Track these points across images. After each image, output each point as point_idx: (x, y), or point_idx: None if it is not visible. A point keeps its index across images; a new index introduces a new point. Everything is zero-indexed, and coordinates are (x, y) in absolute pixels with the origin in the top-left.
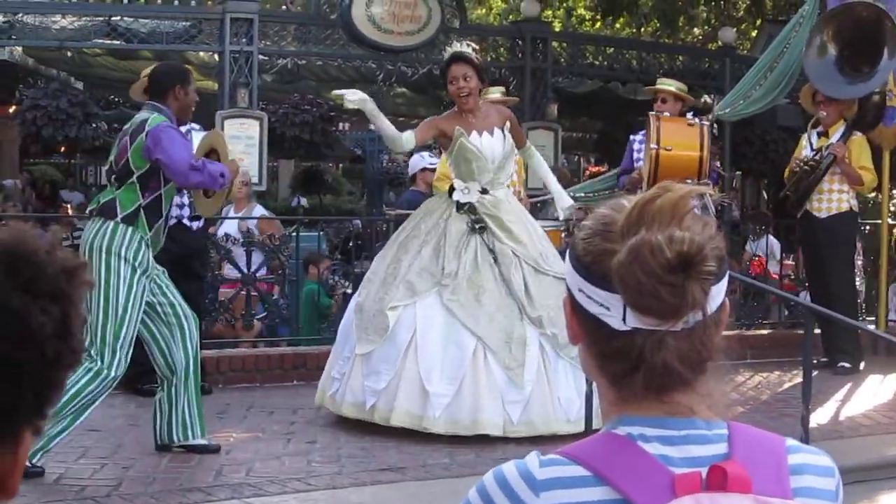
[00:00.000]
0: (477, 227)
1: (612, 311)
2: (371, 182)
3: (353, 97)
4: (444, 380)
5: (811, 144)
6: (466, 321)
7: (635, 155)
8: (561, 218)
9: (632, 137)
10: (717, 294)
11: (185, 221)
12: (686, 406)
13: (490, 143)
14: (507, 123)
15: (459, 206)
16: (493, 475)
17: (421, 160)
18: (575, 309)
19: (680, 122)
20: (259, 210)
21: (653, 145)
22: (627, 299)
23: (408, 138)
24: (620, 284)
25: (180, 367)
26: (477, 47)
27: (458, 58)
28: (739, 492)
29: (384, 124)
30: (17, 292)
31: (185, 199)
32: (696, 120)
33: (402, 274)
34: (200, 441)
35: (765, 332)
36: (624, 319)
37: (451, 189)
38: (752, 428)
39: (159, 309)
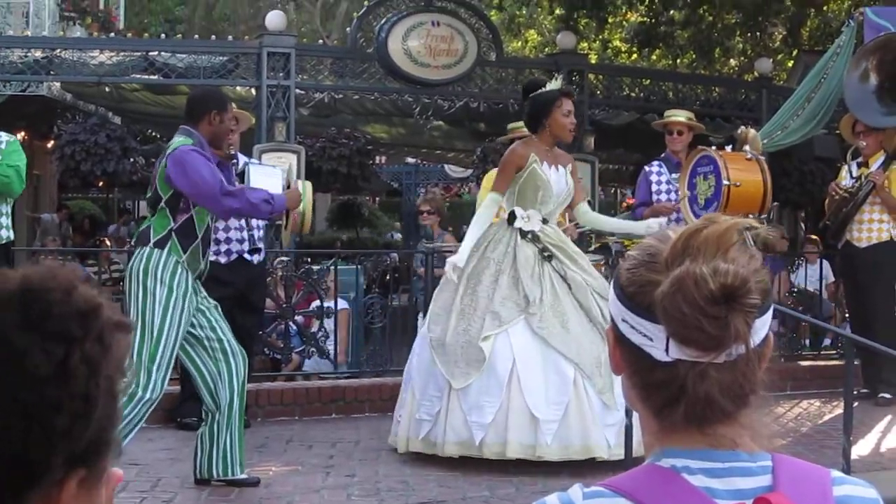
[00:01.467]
0: (545, 254)
1: (655, 341)
2: (407, 215)
3: (461, 259)
4: (551, 406)
5: (851, 174)
6: (561, 348)
7: (654, 187)
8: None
9: (646, 169)
10: (761, 327)
11: (246, 256)
12: (729, 438)
13: (557, 178)
14: (570, 166)
15: (523, 234)
16: None
17: None
18: (618, 339)
19: (739, 157)
20: None
21: (725, 181)
22: (670, 330)
23: (494, 200)
24: (663, 315)
25: (224, 403)
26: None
27: (570, 93)
28: None
29: (477, 229)
30: (23, 331)
31: (245, 234)
32: (752, 155)
33: (482, 305)
34: (240, 476)
35: (805, 363)
36: (667, 350)
37: (511, 217)
38: (796, 460)
39: (206, 344)
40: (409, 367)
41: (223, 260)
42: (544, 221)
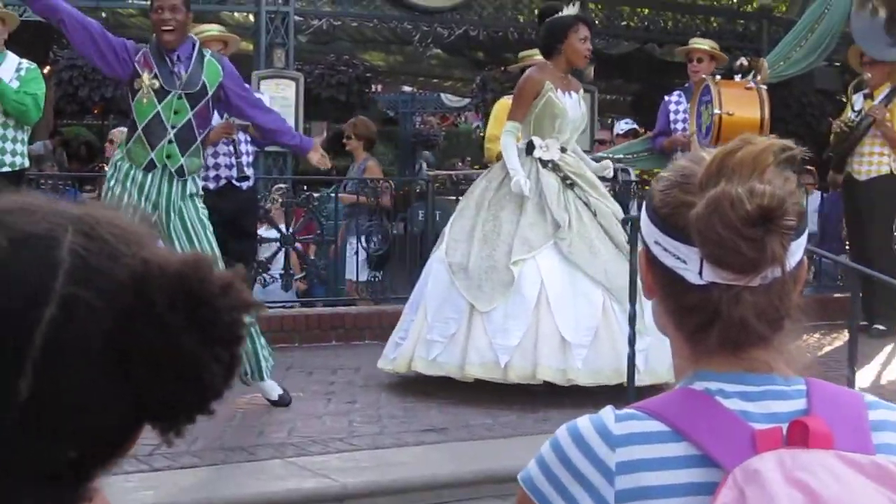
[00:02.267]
0: (567, 182)
1: (689, 264)
2: (404, 144)
3: (522, 184)
4: (581, 331)
5: (853, 108)
6: (590, 272)
7: (672, 116)
8: (610, 175)
9: (666, 98)
10: (797, 250)
11: (234, 182)
12: (764, 362)
13: (572, 104)
14: (582, 91)
15: (543, 164)
16: (568, 430)
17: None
18: (650, 261)
19: (738, 86)
20: None
21: (716, 110)
22: (705, 252)
23: (514, 129)
24: (698, 237)
25: None
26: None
27: (586, 20)
28: (821, 448)
29: (514, 157)
30: (195, 337)
31: (233, 160)
32: (754, 83)
33: (507, 230)
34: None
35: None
36: (700, 273)
37: (530, 147)
38: (830, 384)
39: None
40: (418, 290)
41: (212, 186)
42: (562, 150)
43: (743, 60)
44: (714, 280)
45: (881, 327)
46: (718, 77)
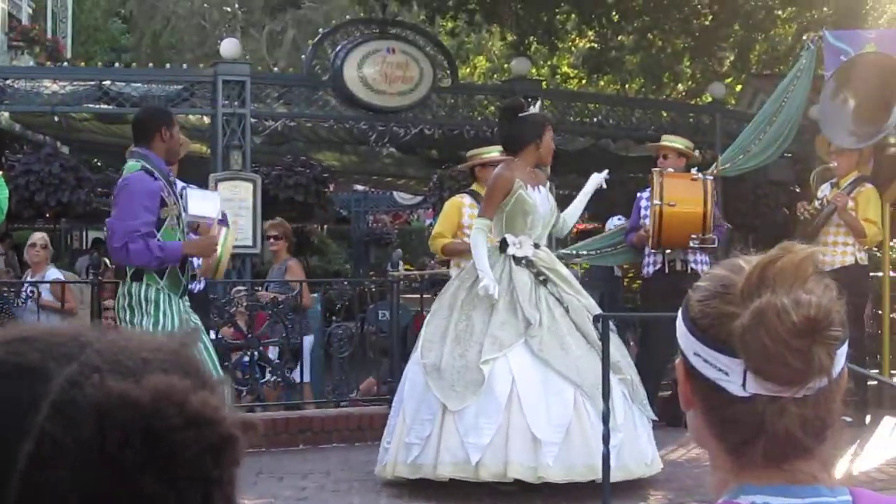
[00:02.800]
0: (540, 279)
1: (731, 376)
2: (357, 243)
3: (490, 285)
4: (552, 428)
5: (818, 195)
6: (561, 369)
7: (642, 212)
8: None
9: (639, 195)
10: (841, 358)
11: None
12: (808, 473)
13: (541, 199)
14: (548, 183)
15: (517, 261)
16: None
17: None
18: (690, 373)
19: (684, 178)
20: (53, 273)
21: (656, 201)
22: (750, 364)
23: (485, 225)
24: (743, 349)
25: None
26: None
27: (550, 120)
28: None
29: (482, 254)
30: (152, 476)
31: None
32: (700, 175)
33: (479, 330)
34: None
35: None
36: (744, 385)
37: (503, 244)
38: (874, 494)
39: None
40: (399, 394)
41: None
42: (535, 246)
43: (696, 154)
44: (758, 392)
45: (847, 419)
46: (671, 170)
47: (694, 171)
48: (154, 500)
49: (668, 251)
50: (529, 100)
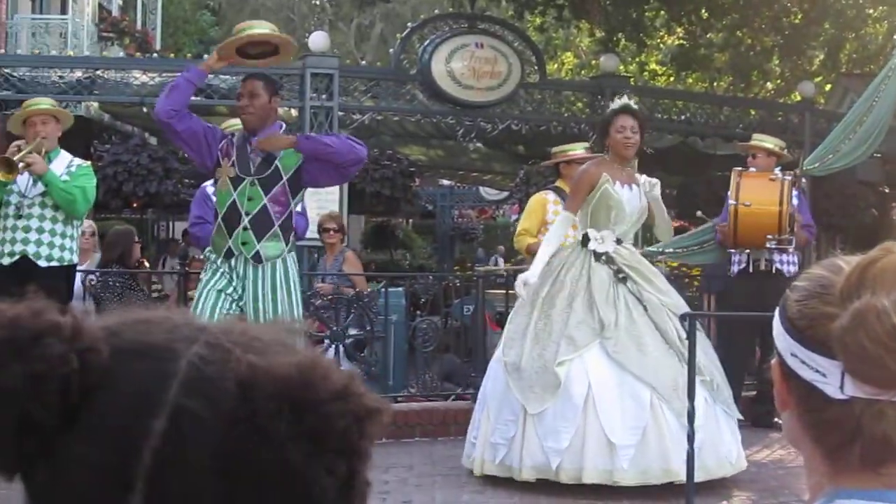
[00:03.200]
0: (620, 276)
1: (829, 377)
2: (442, 238)
3: (533, 277)
4: (627, 431)
5: None
6: (637, 371)
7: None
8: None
9: (728, 193)
10: None
11: None
12: None
13: (630, 196)
14: (647, 185)
15: (597, 256)
16: None
17: None
18: (786, 374)
19: (761, 178)
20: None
21: (731, 201)
22: (848, 366)
23: (567, 220)
24: (842, 351)
25: None
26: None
27: (629, 110)
28: None
29: (550, 247)
30: (302, 447)
31: None
32: (779, 174)
33: (557, 329)
34: None
35: None
36: (842, 387)
37: (586, 239)
38: None
39: None
40: (483, 390)
41: None
42: (618, 242)
43: (787, 153)
44: (856, 394)
45: None
46: (753, 169)
47: (777, 170)
48: (302, 473)
49: (750, 251)
50: (621, 95)
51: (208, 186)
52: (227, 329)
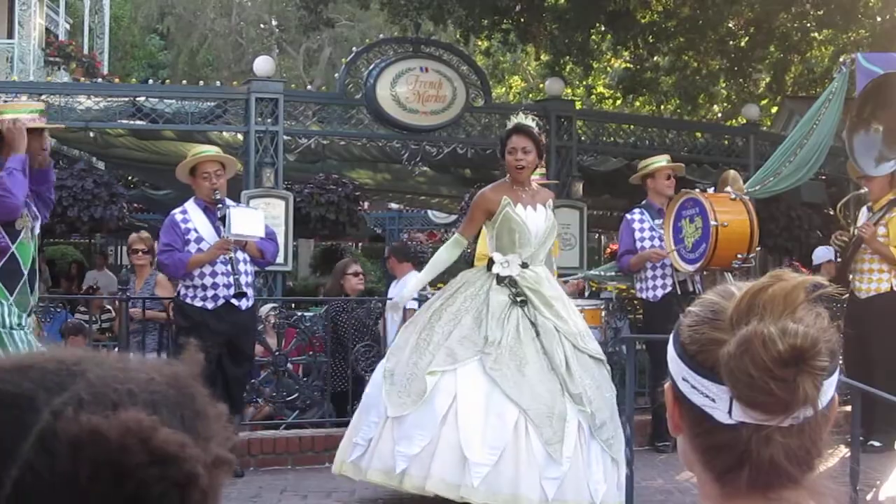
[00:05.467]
0: (518, 300)
1: (718, 403)
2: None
3: (409, 297)
4: (486, 449)
5: (856, 221)
6: (509, 391)
7: (637, 234)
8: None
9: (628, 217)
10: (829, 388)
11: (233, 301)
12: (794, 502)
13: (534, 218)
14: (551, 202)
15: (500, 280)
16: None
17: None
18: (677, 398)
19: (724, 198)
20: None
21: (712, 222)
22: (735, 392)
23: (457, 242)
24: (728, 377)
25: None
26: (536, 124)
27: (521, 130)
28: None
29: (434, 267)
30: None
31: (231, 280)
32: (736, 195)
33: (436, 341)
34: None
35: None
36: (730, 413)
37: (490, 262)
38: None
39: None
40: (363, 395)
41: (210, 306)
42: (524, 266)
43: (731, 172)
44: (744, 420)
45: (877, 443)
46: (710, 190)
47: (728, 191)
48: None
49: (674, 274)
50: (532, 117)
51: (177, 214)
52: (105, 376)
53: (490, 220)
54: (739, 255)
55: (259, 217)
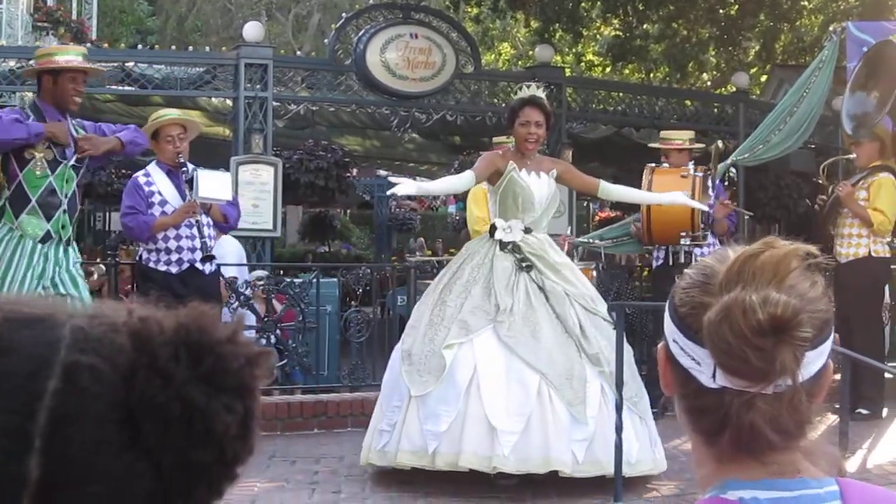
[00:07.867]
0: (524, 265)
1: (703, 366)
2: (379, 228)
3: (403, 190)
4: (511, 417)
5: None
6: (527, 357)
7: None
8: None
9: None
10: (814, 360)
11: (197, 265)
12: (792, 465)
13: (538, 184)
14: (554, 171)
15: (503, 246)
16: None
17: None
18: (669, 359)
19: (674, 174)
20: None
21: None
22: (715, 358)
23: (468, 178)
24: (709, 343)
25: None
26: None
27: (535, 102)
28: None
29: (438, 185)
30: (201, 387)
31: (197, 243)
32: (691, 171)
33: (450, 314)
34: None
35: None
36: (714, 377)
37: (493, 229)
38: (863, 484)
39: None
40: (384, 379)
41: (174, 270)
42: (527, 231)
43: (720, 143)
44: (726, 385)
45: (864, 411)
46: (666, 165)
47: (689, 165)
48: (204, 412)
49: (668, 246)
50: (530, 83)
51: (140, 176)
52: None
53: (494, 184)
54: (683, 232)
55: (226, 180)
